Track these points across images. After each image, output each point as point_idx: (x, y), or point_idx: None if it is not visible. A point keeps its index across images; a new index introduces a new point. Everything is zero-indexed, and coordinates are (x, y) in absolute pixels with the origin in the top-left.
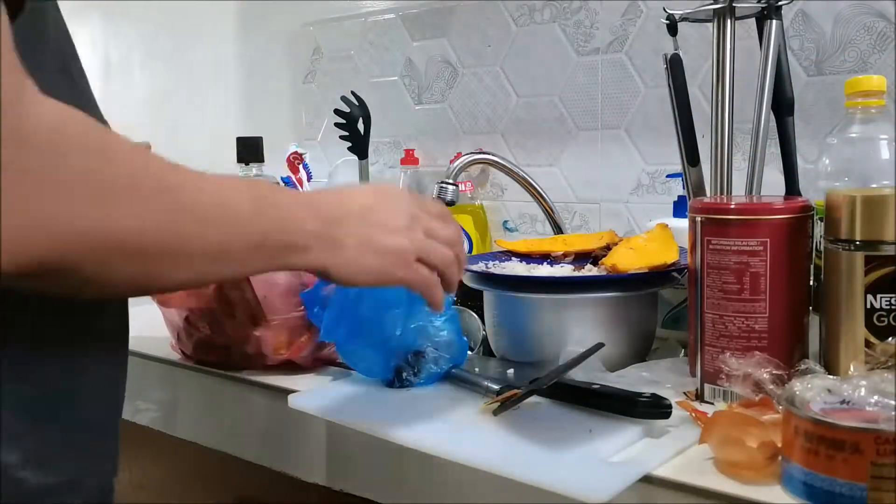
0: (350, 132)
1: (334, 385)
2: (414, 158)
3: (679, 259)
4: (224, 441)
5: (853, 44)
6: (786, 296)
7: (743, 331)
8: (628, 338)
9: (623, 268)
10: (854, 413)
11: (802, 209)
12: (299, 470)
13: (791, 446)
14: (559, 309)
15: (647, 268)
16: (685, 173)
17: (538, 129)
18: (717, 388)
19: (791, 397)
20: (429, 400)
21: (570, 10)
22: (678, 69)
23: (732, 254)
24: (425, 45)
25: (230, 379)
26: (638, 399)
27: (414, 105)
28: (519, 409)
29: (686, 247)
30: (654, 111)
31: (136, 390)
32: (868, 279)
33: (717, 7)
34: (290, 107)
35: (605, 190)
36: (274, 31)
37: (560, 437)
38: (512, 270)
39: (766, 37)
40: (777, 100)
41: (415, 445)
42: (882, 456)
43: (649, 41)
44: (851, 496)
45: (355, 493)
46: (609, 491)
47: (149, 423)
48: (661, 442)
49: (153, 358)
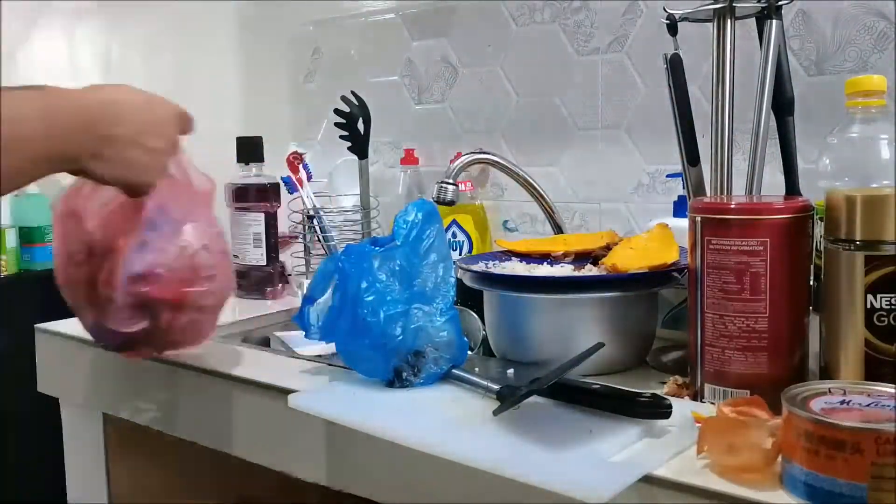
0: (350, 132)
1: (334, 385)
2: (414, 158)
3: (679, 259)
4: (224, 441)
5: (853, 44)
6: (786, 296)
7: (743, 331)
8: (628, 338)
9: (623, 268)
10: (854, 413)
11: (802, 209)
12: (299, 470)
13: (792, 446)
14: (559, 309)
15: (648, 268)
16: (685, 173)
17: (538, 129)
18: (718, 388)
19: (792, 397)
20: (429, 400)
21: (570, 10)
22: (678, 69)
23: (732, 254)
24: (425, 45)
25: (230, 379)
26: (638, 399)
27: (414, 105)
28: (519, 408)
29: (686, 246)
30: (654, 111)
31: (136, 390)
32: (868, 279)
33: (717, 7)
34: (290, 107)
35: (605, 190)
36: (274, 31)
37: (560, 437)
38: (512, 270)
39: (766, 37)
40: (777, 99)
41: (415, 445)
42: (883, 456)
43: (649, 41)
44: (852, 496)
45: (355, 493)
46: (609, 491)
47: (149, 423)
48: (661, 442)
49: (153, 358)
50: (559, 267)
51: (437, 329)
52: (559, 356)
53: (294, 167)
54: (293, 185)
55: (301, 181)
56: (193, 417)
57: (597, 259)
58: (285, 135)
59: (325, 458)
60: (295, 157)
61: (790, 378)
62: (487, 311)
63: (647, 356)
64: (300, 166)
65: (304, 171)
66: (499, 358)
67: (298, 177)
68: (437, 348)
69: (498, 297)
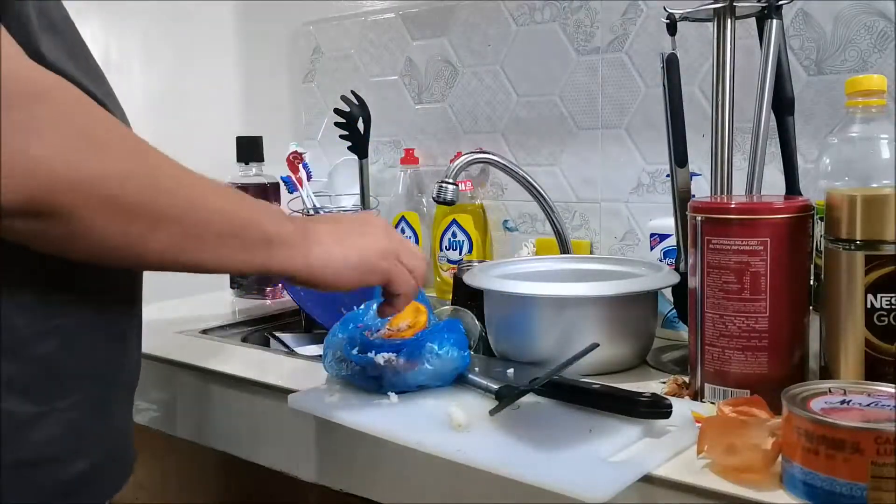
0: (350, 132)
1: (334, 385)
2: (414, 158)
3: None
4: (224, 441)
5: (853, 43)
6: (786, 295)
7: (743, 330)
8: (628, 338)
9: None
10: (854, 413)
11: (803, 209)
12: (299, 470)
13: (791, 446)
14: (559, 309)
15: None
16: (672, 173)
17: (538, 129)
18: (718, 388)
19: (792, 397)
20: (429, 400)
21: (570, 9)
22: (674, 69)
23: (733, 253)
24: (425, 45)
25: (230, 379)
26: (638, 399)
27: (414, 105)
28: (518, 408)
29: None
30: (654, 111)
31: (137, 390)
32: (868, 279)
33: (717, 6)
34: (290, 106)
35: (606, 189)
36: (274, 31)
37: (560, 437)
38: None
39: (766, 36)
40: (777, 99)
41: (415, 445)
42: (882, 456)
43: (649, 41)
44: (852, 496)
45: (355, 493)
46: (609, 491)
47: (149, 423)
48: (661, 442)
49: (153, 358)
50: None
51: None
52: (559, 356)
53: (294, 167)
54: (293, 184)
55: (301, 181)
56: (193, 417)
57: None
58: (285, 134)
59: (325, 458)
60: (295, 157)
61: (790, 378)
62: (487, 311)
63: (648, 356)
64: (300, 166)
65: (304, 170)
66: (498, 358)
67: (298, 176)
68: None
69: (498, 296)
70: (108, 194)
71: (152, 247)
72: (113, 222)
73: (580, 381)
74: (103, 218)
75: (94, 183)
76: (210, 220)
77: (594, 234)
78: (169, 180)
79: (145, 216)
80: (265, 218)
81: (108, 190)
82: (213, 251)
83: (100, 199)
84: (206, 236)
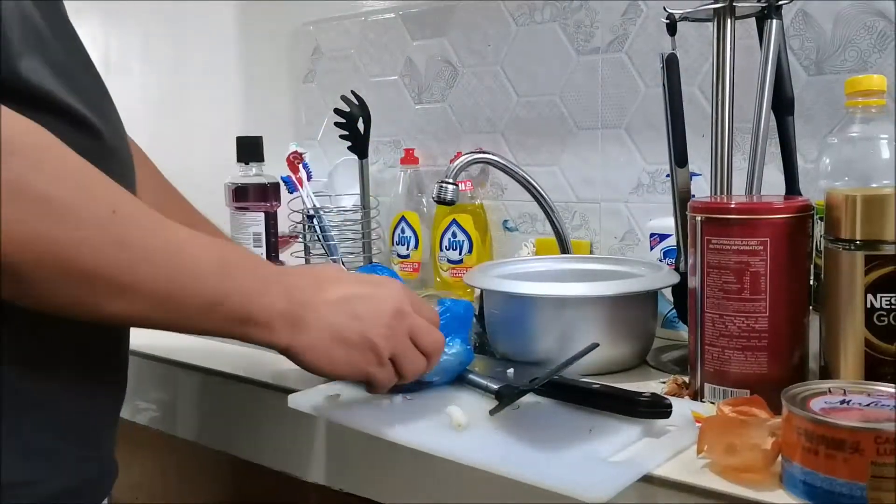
0: (350, 132)
1: (334, 385)
2: (414, 158)
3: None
4: (224, 441)
5: (853, 43)
6: (786, 295)
7: (743, 330)
8: (628, 338)
9: None
10: (854, 413)
11: (802, 209)
12: (299, 470)
13: (791, 446)
14: (559, 309)
15: None
16: (672, 173)
17: (538, 129)
18: (717, 388)
19: (791, 397)
20: (429, 400)
21: (570, 9)
22: (674, 69)
23: (732, 253)
24: (425, 45)
25: (230, 378)
26: (638, 399)
27: (414, 105)
28: (518, 408)
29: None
30: (654, 111)
31: (136, 390)
32: (868, 279)
33: (717, 6)
34: (290, 106)
35: (606, 189)
36: (274, 31)
37: (560, 437)
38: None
39: (766, 36)
40: (777, 99)
41: (415, 445)
42: (882, 455)
43: (649, 41)
44: (852, 496)
45: (355, 493)
46: (609, 491)
47: (148, 423)
48: (661, 442)
49: (153, 358)
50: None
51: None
52: (559, 356)
53: (294, 167)
54: (293, 184)
55: (301, 181)
56: (193, 417)
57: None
58: (285, 134)
59: (325, 458)
60: (295, 157)
61: (790, 378)
62: (487, 311)
63: (647, 356)
64: (300, 166)
65: (304, 170)
66: (499, 358)
67: (298, 176)
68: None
69: (498, 296)
70: (63, 257)
71: (110, 311)
72: (65, 285)
73: (580, 381)
74: (55, 280)
75: (47, 247)
76: (176, 294)
77: (594, 234)
78: (134, 248)
79: (101, 283)
80: (252, 296)
81: (63, 253)
82: (179, 322)
83: (53, 261)
84: (171, 308)
